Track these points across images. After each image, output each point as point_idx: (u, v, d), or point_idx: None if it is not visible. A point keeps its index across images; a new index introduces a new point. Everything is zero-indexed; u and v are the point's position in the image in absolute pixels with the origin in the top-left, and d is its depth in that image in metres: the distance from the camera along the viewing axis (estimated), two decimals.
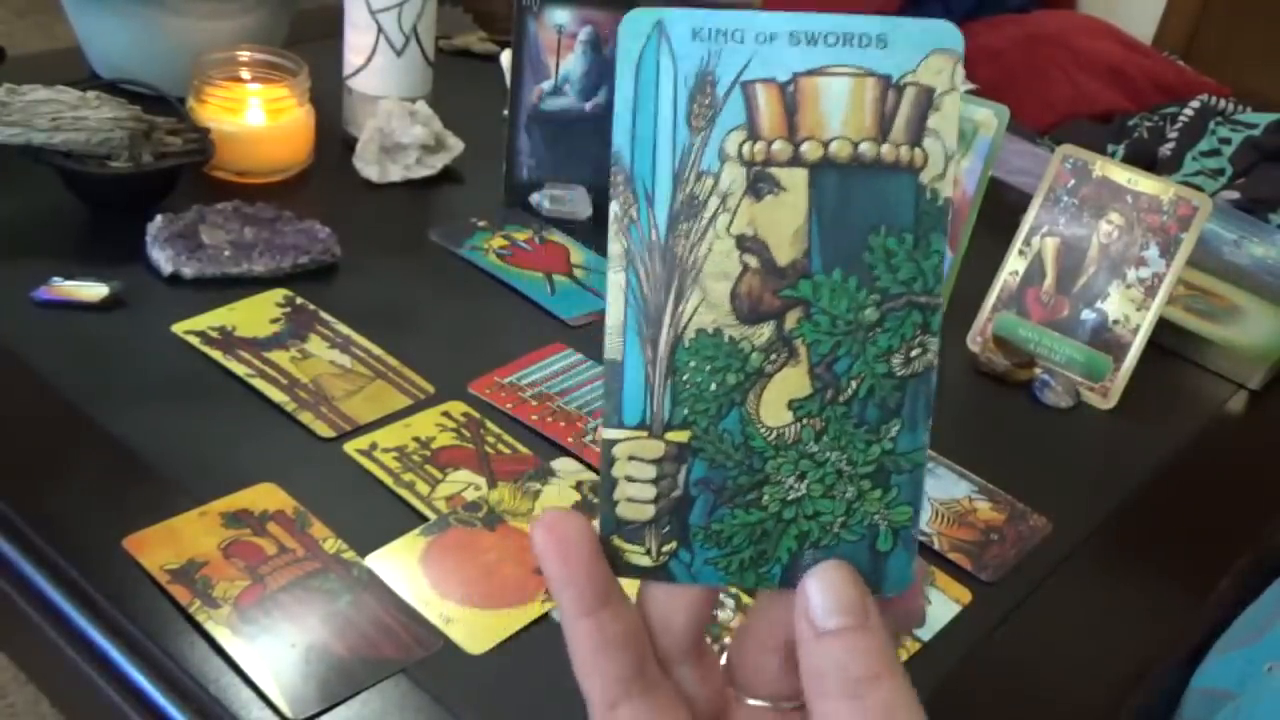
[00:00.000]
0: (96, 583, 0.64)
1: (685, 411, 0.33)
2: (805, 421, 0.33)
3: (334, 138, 1.11)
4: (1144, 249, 0.95)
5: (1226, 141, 1.99)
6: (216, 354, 0.81)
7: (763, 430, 0.33)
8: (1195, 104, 2.09)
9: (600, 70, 1.05)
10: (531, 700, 0.63)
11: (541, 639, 0.66)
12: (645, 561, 0.34)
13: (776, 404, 0.33)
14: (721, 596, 0.66)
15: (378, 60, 1.08)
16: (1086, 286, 0.97)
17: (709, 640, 0.35)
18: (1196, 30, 2.71)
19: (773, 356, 0.33)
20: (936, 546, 0.78)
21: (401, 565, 0.68)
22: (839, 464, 0.33)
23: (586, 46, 1.04)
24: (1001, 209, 1.06)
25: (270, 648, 0.62)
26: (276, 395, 0.79)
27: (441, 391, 0.82)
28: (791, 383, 0.33)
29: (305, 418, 0.77)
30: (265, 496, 0.71)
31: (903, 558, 0.34)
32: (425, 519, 0.72)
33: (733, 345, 0.32)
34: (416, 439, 0.77)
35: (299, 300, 0.89)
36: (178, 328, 0.83)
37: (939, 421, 0.96)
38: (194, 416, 0.76)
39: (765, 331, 0.32)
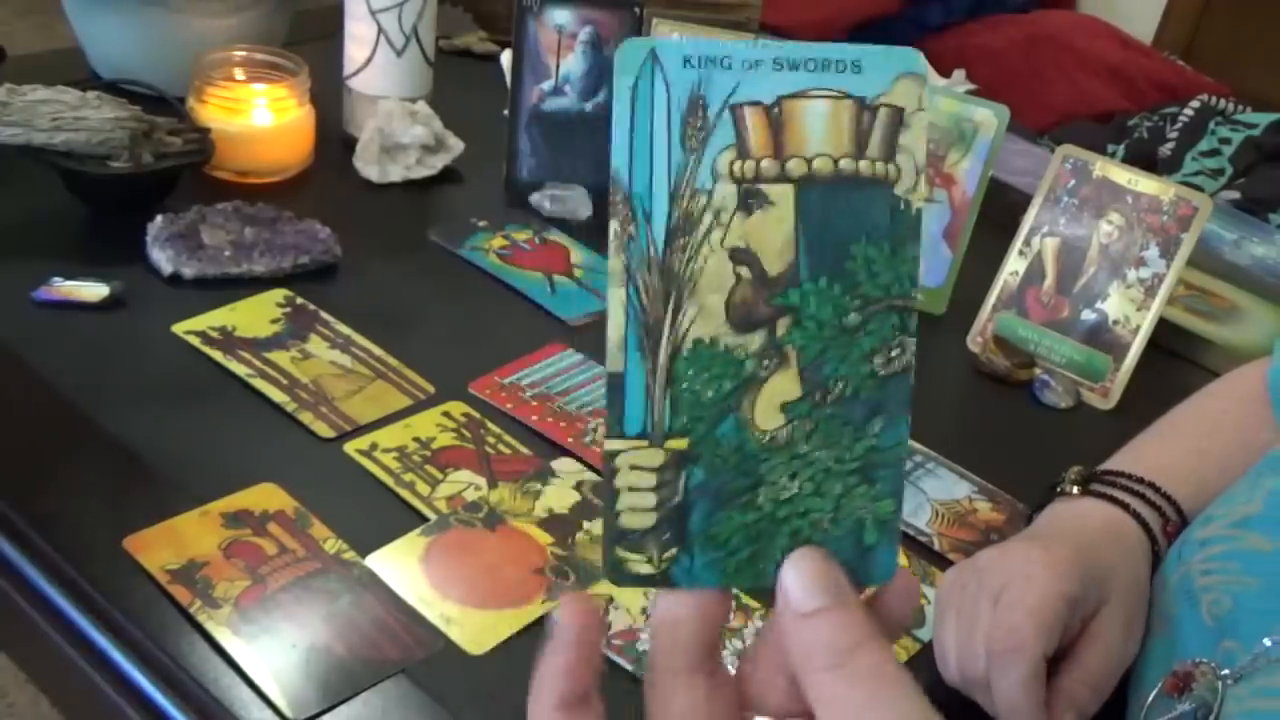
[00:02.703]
0: (97, 583, 0.64)
1: (684, 419, 0.34)
2: (796, 423, 0.35)
3: (334, 138, 1.11)
4: (1144, 249, 0.95)
5: (1226, 141, 1.99)
6: (217, 354, 0.81)
7: (757, 434, 0.35)
8: (1195, 104, 2.09)
9: (600, 70, 1.05)
10: None
11: (541, 639, 0.66)
12: (647, 569, 0.35)
13: (769, 408, 0.35)
14: None
15: (378, 60, 1.08)
16: (1086, 287, 0.97)
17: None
18: (1196, 30, 2.71)
19: (765, 362, 0.34)
20: (937, 546, 0.78)
21: (402, 565, 0.68)
22: (827, 462, 0.35)
23: (587, 46, 1.04)
24: (1001, 209, 1.06)
25: (271, 648, 0.62)
26: (277, 395, 0.79)
27: (442, 392, 0.82)
28: (783, 387, 0.35)
29: (305, 418, 0.77)
30: (266, 497, 0.71)
31: (888, 549, 0.36)
32: (425, 519, 0.72)
33: (728, 353, 0.34)
34: (417, 439, 0.77)
35: (299, 300, 0.89)
36: (178, 328, 0.83)
37: (940, 421, 0.96)
38: (194, 416, 0.77)
39: (758, 339, 0.34)
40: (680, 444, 0.35)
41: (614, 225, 0.34)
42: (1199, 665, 0.59)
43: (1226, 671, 0.57)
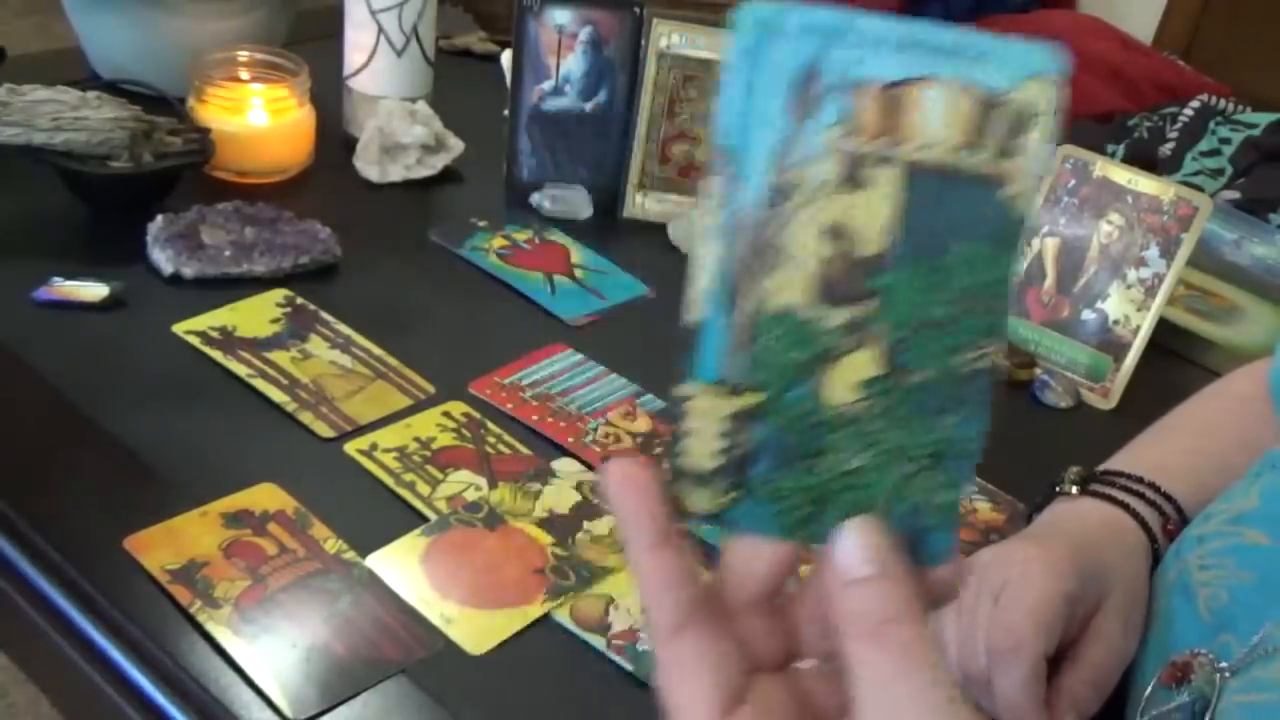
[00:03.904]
0: (97, 583, 0.64)
1: (760, 376, 0.34)
2: (870, 401, 0.34)
3: (334, 138, 1.11)
4: (1144, 249, 0.95)
5: (1226, 141, 1.98)
6: (217, 354, 0.81)
7: (828, 405, 0.35)
8: (1195, 104, 2.09)
9: (600, 70, 1.05)
10: (531, 700, 0.63)
11: (541, 639, 0.66)
12: (706, 507, 0.36)
13: (845, 383, 0.34)
14: None
15: (378, 60, 1.08)
16: (1087, 287, 0.97)
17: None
18: (1196, 30, 2.71)
19: (846, 339, 0.34)
20: None
21: (402, 565, 0.68)
22: (897, 444, 0.35)
23: (587, 46, 1.04)
24: None
25: (271, 648, 0.62)
26: (277, 395, 0.79)
27: (442, 392, 0.82)
28: (861, 365, 0.34)
29: (306, 418, 0.77)
30: (266, 497, 0.71)
31: (945, 534, 0.35)
32: (426, 519, 0.72)
33: (811, 324, 0.34)
34: (417, 439, 0.77)
35: (299, 300, 0.89)
36: (178, 328, 0.83)
37: None
38: (194, 416, 0.76)
39: (843, 315, 0.34)
40: (751, 399, 0.34)
41: (715, 181, 0.33)
42: (1197, 656, 0.59)
43: (1225, 665, 0.57)
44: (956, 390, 0.35)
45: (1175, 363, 1.04)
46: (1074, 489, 0.71)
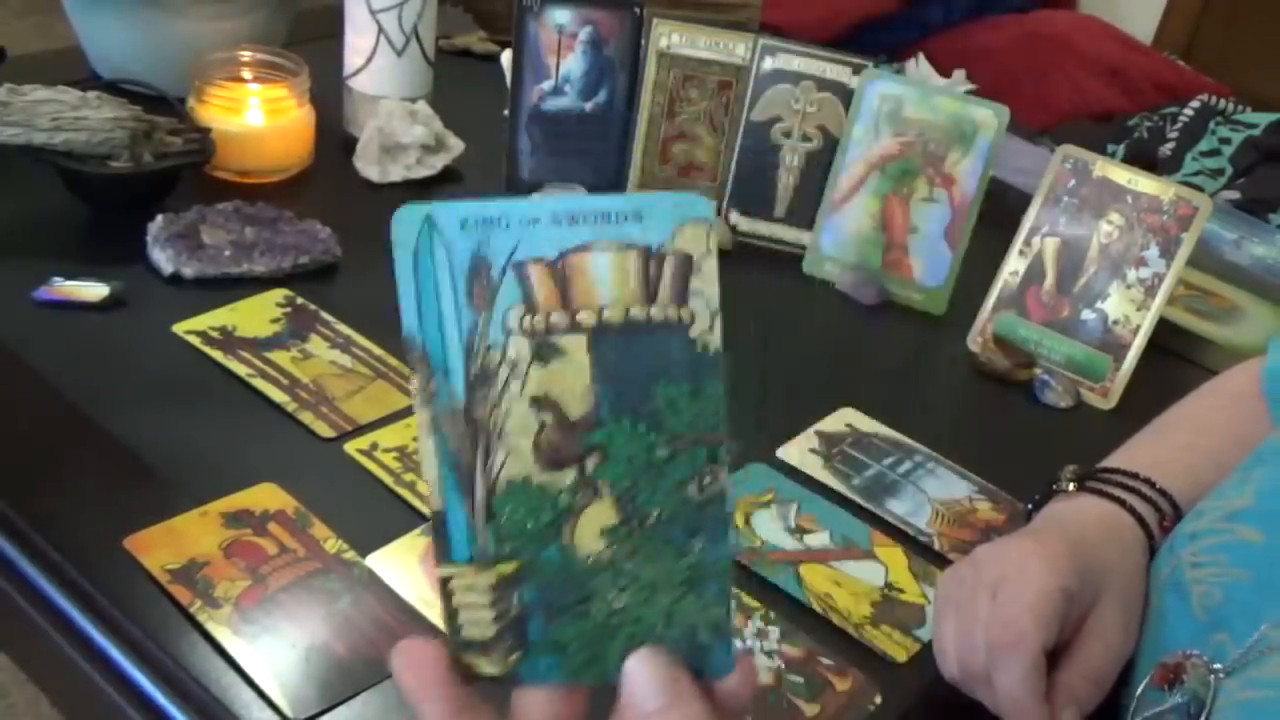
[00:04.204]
0: (97, 583, 0.64)
1: (509, 547, 0.37)
2: (617, 546, 0.37)
3: (334, 138, 1.11)
4: (1144, 249, 0.95)
5: (1226, 141, 1.99)
6: (217, 354, 0.81)
7: (581, 556, 0.37)
8: (1195, 104, 2.09)
9: (601, 70, 1.05)
10: None
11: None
12: (494, 671, 0.38)
13: (589, 533, 0.37)
14: None
15: (378, 60, 1.08)
16: (1086, 286, 0.97)
17: None
18: (1196, 30, 2.71)
19: (579, 495, 0.36)
20: (937, 546, 0.78)
21: (402, 565, 0.68)
22: (653, 578, 0.37)
23: (587, 46, 1.04)
24: (1001, 209, 1.06)
25: (271, 648, 0.62)
26: (277, 395, 0.79)
27: None
28: (600, 515, 0.37)
29: (306, 418, 0.77)
30: (266, 496, 0.71)
31: (723, 648, 0.38)
32: (426, 519, 0.72)
33: (542, 490, 0.36)
34: (417, 439, 0.77)
35: (299, 300, 0.89)
36: (178, 328, 0.83)
37: (940, 422, 0.96)
38: (194, 416, 0.76)
39: (569, 476, 0.36)
40: (508, 567, 0.37)
41: (415, 381, 0.35)
42: (1189, 657, 0.59)
43: (1219, 666, 0.57)
44: (695, 518, 0.36)
45: (1175, 362, 1.04)
46: (1071, 486, 0.71)
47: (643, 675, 0.37)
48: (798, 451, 0.84)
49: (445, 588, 0.37)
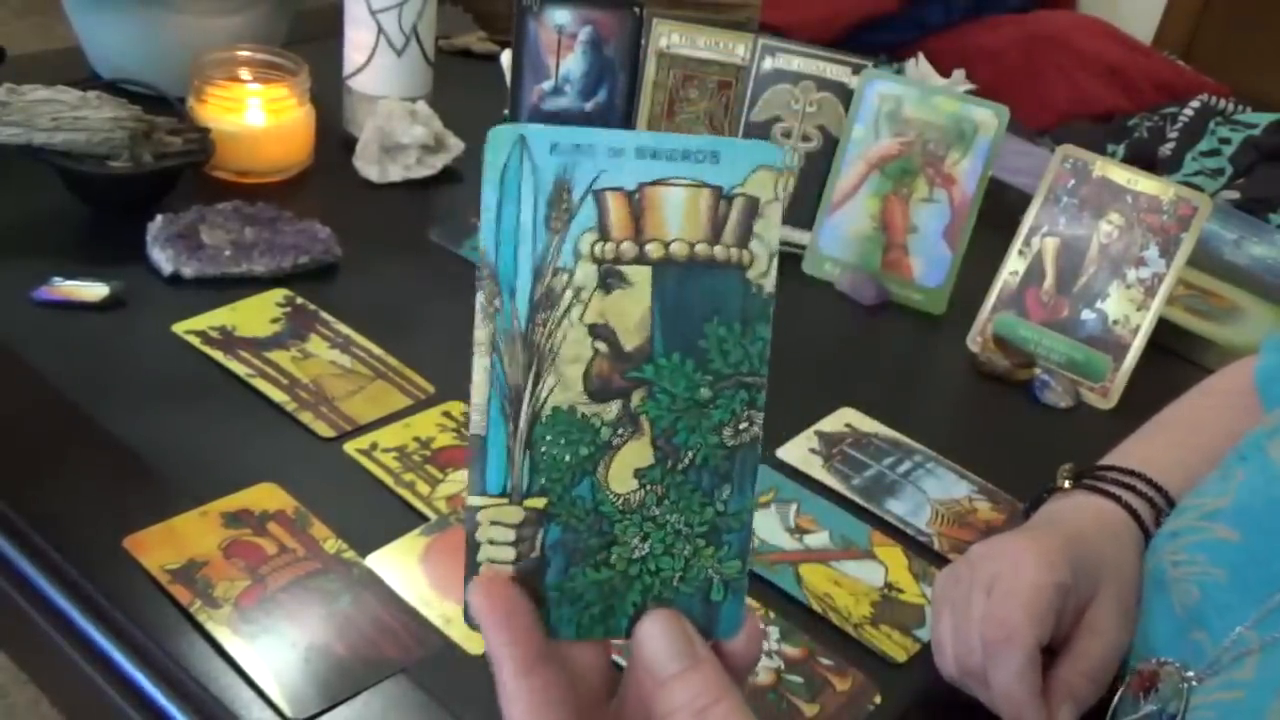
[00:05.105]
0: (97, 583, 0.64)
1: (542, 480, 0.37)
2: (648, 488, 0.38)
3: (334, 138, 1.11)
4: (1144, 249, 0.95)
5: (1226, 141, 1.99)
6: (217, 354, 0.81)
7: (611, 496, 0.38)
8: (1195, 104, 2.09)
9: (601, 70, 1.05)
10: None
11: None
12: None
13: (623, 473, 0.38)
14: None
15: (378, 60, 1.08)
16: (1086, 286, 0.97)
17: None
18: (1196, 30, 2.71)
19: (620, 431, 0.37)
20: (936, 546, 0.78)
21: (402, 565, 0.68)
22: (678, 525, 0.38)
23: (587, 46, 1.04)
24: (1001, 209, 1.06)
25: (271, 648, 0.62)
26: (277, 395, 0.79)
27: (442, 391, 0.82)
28: (636, 454, 0.37)
29: (305, 418, 0.77)
30: (265, 496, 0.71)
31: (734, 605, 0.39)
32: (425, 519, 0.72)
33: (585, 421, 0.37)
34: (417, 439, 0.77)
35: (299, 300, 0.89)
36: (178, 328, 0.83)
37: (940, 421, 0.96)
38: (194, 416, 0.77)
39: (613, 409, 0.37)
40: (538, 503, 0.37)
41: (480, 298, 0.36)
42: (1164, 665, 0.59)
43: (1191, 673, 0.57)
44: (727, 464, 0.38)
45: (1175, 362, 1.04)
46: (1066, 484, 0.71)
47: (660, 639, 0.37)
48: (797, 451, 0.84)
49: (472, 520, 0.37)
